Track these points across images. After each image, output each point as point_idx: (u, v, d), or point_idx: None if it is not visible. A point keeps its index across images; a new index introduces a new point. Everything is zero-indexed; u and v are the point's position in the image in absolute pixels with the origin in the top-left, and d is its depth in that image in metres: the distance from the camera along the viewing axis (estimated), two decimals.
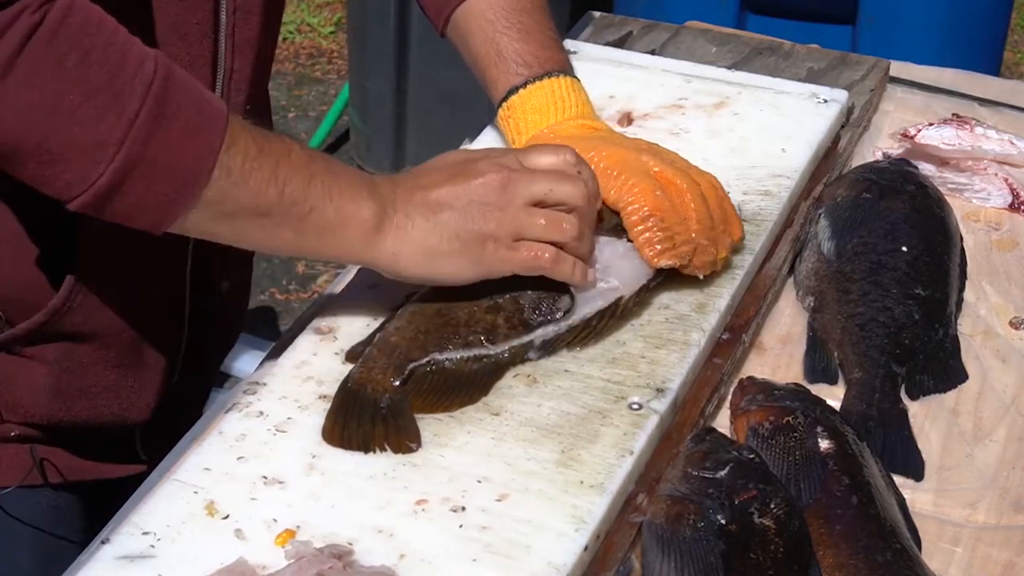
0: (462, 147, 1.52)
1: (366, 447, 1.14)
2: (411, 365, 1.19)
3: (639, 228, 1.29)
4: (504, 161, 1.22)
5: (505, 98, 1.44)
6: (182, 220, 1.10)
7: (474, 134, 1.55)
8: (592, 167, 1.30)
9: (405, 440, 1.15)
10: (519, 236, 1.20)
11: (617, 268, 1.29)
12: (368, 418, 1.16)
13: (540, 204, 1.22)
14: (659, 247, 1.29)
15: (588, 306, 1.26)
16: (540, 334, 1.24)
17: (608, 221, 1.32)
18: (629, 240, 1.30)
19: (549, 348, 1.24)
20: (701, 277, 1.32)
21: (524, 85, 1.43)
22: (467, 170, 1.21)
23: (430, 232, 1.18)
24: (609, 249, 1.30)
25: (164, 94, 1.07)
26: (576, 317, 1.25)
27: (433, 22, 1.51)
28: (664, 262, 1.29)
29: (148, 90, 1.06)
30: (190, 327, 1.41)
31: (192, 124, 1.08)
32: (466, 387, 1.20)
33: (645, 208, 1.29)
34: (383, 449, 1.14)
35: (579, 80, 1.47)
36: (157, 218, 1.10)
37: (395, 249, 1.18)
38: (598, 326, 1.26)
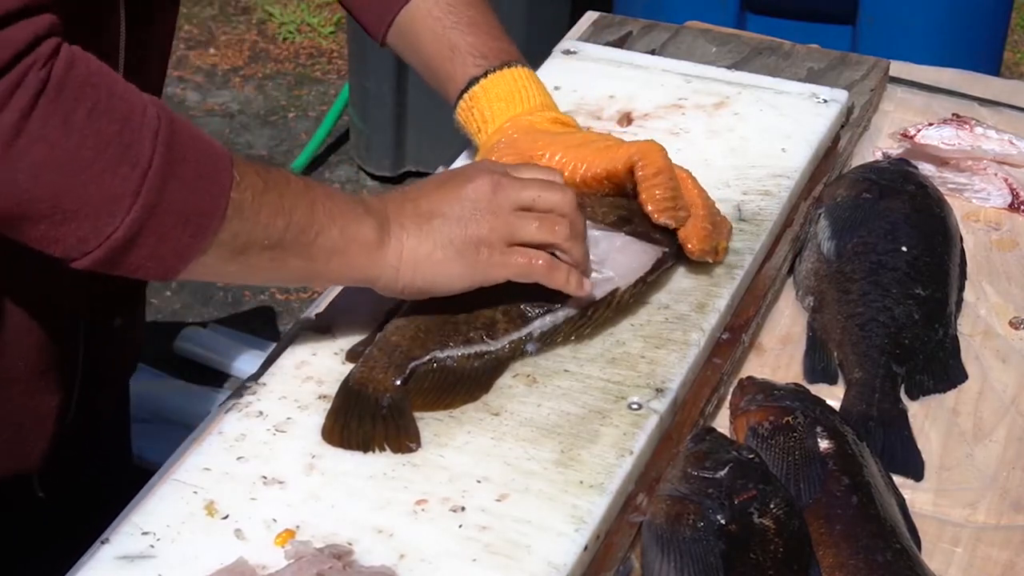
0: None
1: (366, 447, 1.14)
2: (412, 364, 1.19)
3: (649, 182, 1.31)
4: (491, 167, 1.23)
5: (466, 89, 1.43)
6: (194, 264, 1.08)
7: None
8: (593, 151, 1.33)
9: (405, 440, 1.15)
10: (512, 240, 1.20)
11: (614, 260, 1.29)
12: (369, 418, 1.16)
13: (528, 210, 1.22)
14: (663, 204, 1.30)
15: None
16: (538, 326, 1.24)
17: (606, 217, 1.32)
18: (627, 235, 1.31)
19: (547, 340, 1.24)
20: (711, 261, 1.33)
21: (485, 75, 1.42)
22: (454, 178, 1.22)
23: (423, 240, 1.18)
24: (606, 242, 1.30)
25: (172, 140, 1.05)
26: (573, 308, 1.25)
27: (371, 32, 1.49)
28: (664, 220, 1.30)
29: (156, 138, 1.04)
30: (84, 369, 1.36)
31: (202, 167, 1.07)
32: (467, 385, 1.20)
33: (656, 165, 1.31)
34: (383, 449, 1.14)
35: (533, 70, 1.47)
36: (170, 265, 1.08)
37: (395, 263, 1.18)
38: (595, 316, 1.26)
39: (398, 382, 1.18)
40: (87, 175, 1.02)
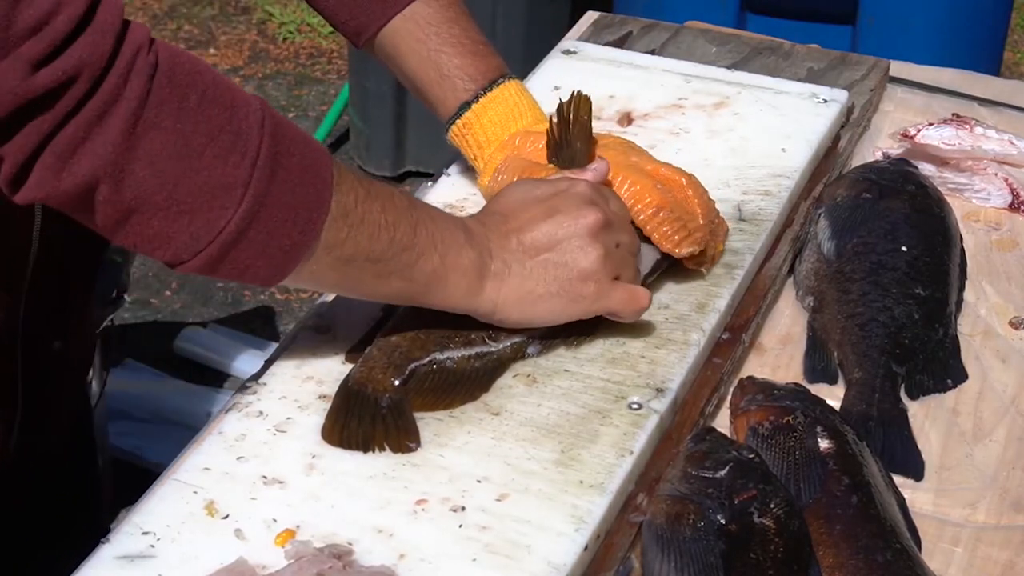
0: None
1: (366, 447, 1.14)
2: (412, 364, 1.19)
3: (653, 223, 1.30)
4: (593, 198, 1.23)
5: (458, 114, 1.42)
6: (300, 267, 1.06)
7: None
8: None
9: (405, 440, 1.15)
10: (616, 276, 1.22)
11: None
12: (368, 418, 1.16)
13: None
14: (676, 237, 1.30)
15: None
16: (538, 330, 1.24)
17: None
18: None
19: (548, 340, 1.24)
20: (705, 272, 1.33)
21: (476, 99, 1.42)
22: (559, 207, 1.21)
23: (527, 277, 1.18)
24: None
25: (276, 131, 1.03)
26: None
27: (350, 40, 1.47)
28: (686, 250, 1.30)
29: (263, 127, 1.02)
30: (24, 394, 1.32)
31: (306, 160, 1.05)
32: (467, 385, 1.20)
33: (652, 204, 1.30)
34: (382, 449, 1.14)
35: (519, 79, 1.47)
36: (279, 264, 1.05)
37: (494, 297, 1.18)
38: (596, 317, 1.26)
39: (397, 382, 1.18)
40: (201, 163, 0.99)
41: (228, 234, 1.01)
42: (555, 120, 1.36)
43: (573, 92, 1.36)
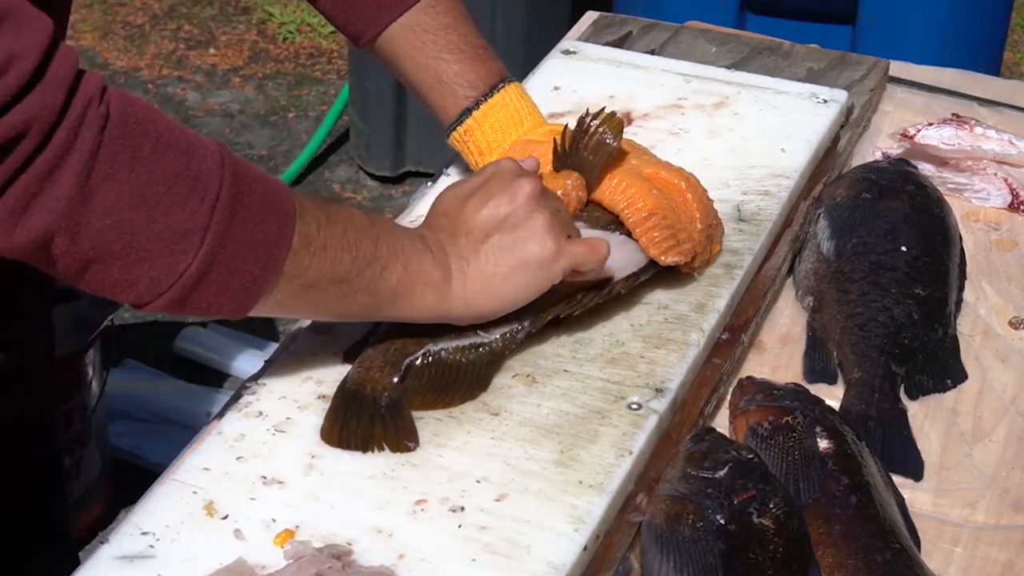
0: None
1: (365, 447, 1.15)
2: (407, 359, 1.19)
3: (643, 227, 1.30)
4: (508, 169, 1.24)
5: (459, 121, 1.43)
6: (265, 299, 1.07)
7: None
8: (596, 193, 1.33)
9: (403, 439, 1.15)
10: (565, 233, 1.22)
11: (610, 254, 1.29)
12: (367, 418, 1.16)
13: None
14: (664, 245, 1.30)
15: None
16: (530, 312, 1.24)
17: (600, 221, 1.32)
18: (623, 234, 1.31)
19: (538, 322, 1.24)
20: (697, 275, 1.33)
21: (477, 105, 1.42)
22: (493, 190, 1.21)
23: (486, 263, 1.18)
24: (603, 238, 1.30)
25: (236, 170, 1.04)
26: (563, 288, 1.25)
27: (351, 39, 1.48)
28: (670, 260, 1.30)
29: (222, 168, 1.03)
30: None
31: (266, 197, 1.06)
32: (464, 381, 1.20)
33: (645, 209, 1.30)
34: (381, 448, 1.14)
35: (518, 82, 1.46)
36: (241, 301, 1.06)
37: (461, 294, 1.18)
38: (584, 300, 1.26)
39: (395, 380, 1.18)
40: (158, 210, 1.00)
41: (189, 277, 1.02)
42: (570, 127, 1.36)
43: (603, 108, 1.36)
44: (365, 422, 1.16)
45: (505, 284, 1.19)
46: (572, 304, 1.26)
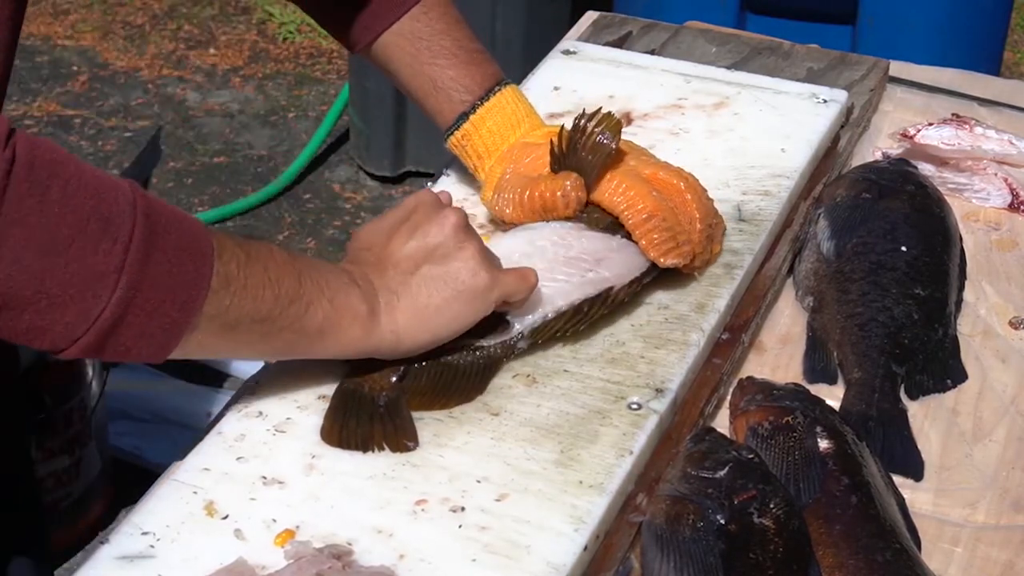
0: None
1: (365, 447, 1.15)
2: (406, 360, 1.19)
3: (643, 229, 1.30)
4: (423, 199, 1.21)
5: (456, 126, 1.42)
6: (186, 340, 1.04)
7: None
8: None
9: (403, 439, 1.15)
10: (492, 265, 1.20)
11: (609, 260, 1.29)
12: (366, 417, 1.16)
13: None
14: (664, 247, 1.30)
15: (578, 292, 1.26)
16: (528, 322, 1.24)
17: (600, 222, 1.32)
18: (623, 237, 1.31)
19: (539, 335, 1.24)
20: (698, 275, 1.33)
21: (473, 109, 1.41)
22: (419, 221, 1.19)
23: (417, 296, 1.16)
24: (603, 243, 1.30)
25: (149, 211, 1.01)
26: (565, 305, 1.25)
27: (344, 46, 1.47)
28: (670, 261, 1.30)
29: (135, 210, 1.00)
30: None
31: (182, 238, 1.03)
32: (463, 383, 1.20)
33: (645, 210, 1.30)
34: (381, 448, 1.14)
35: (514, 84, 1.46)
36: (161, 344, 1.03)
37: (392, 327, 1.16)
38: (589, 313, 1.26)
39: (394, 379, 1.18)
40: (69, 255, 0.97)
41: (104, 321, 0.99)
42: (566, 128, 1.36)
43: (599, 109, 1.35)
44: (364, 422, 1.16)
45: (439, 315, 1.17)
46: (577, 317, 1.25)
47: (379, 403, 1.17)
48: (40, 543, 1.48)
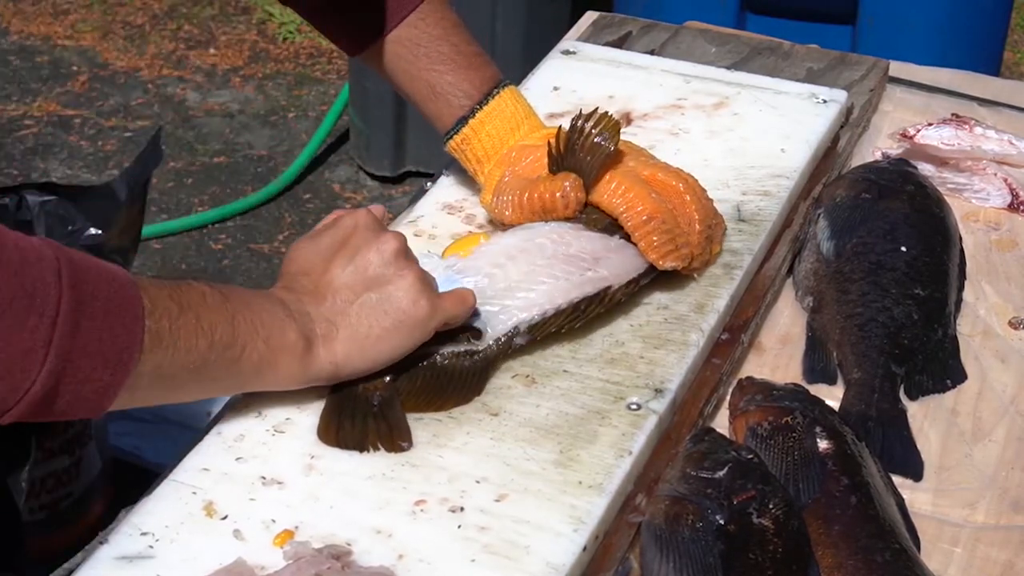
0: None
1: (361, 446, 1.14)
2: (401, 361, 1.19)
3: (642, 232, 1.30)
4: (359, 222, 1.19)
5: (455, 130, 1.42)
6: (121, 398, 1.03)
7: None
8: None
9: (397, 439, 1.15)
10: (432, 291, 1.19)
11: (608, 260, 1.29)
12: (361, 416, 1.16)
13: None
14: (663, 249, 1.30)
15: (577, 291, 1.26)
16: (525, 319, 1.23)
17: (598, 223, 1.32)
18: (621, 237, 1.31)
19: (537, 332, 1.24)
20: (697, 277, 1.33)
21: (472, 113, 1.41)
22: (358, 245, 1.18)
23: (358, 325, 1.15)
24: (602, 243, 1.30)
25: (75, 278, 0.99)
26: (564, 302, 1.25)
27: (344, 51, 1.47)
28: (669, 264, 1.30)
29: (60, 280, 0.98)
30: None
31: (111, 302, 1.01)
32: (458, 385, 1.20)
33: (644, 212, 1.30)
34: (376, 448, 1.14)
35: (513, 85, 1.46)
36: (96, 404, 1.02)
37: (331, 359, 1.15)
38: (586, 311, 1.26)
39: (387, 378, 1.18)
40: None
41: (34, 394, 0.98)
42: (563, 129, 1.35)
43: (596, 109, 1.35)
44: (360, 421, 1.16)
45: (380, 344, 1.16)
46: (574, 315, 1.25)
47: (373, 403, 1.17)
48: (17, 552, 1.46)
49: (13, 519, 1.45)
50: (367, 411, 1.16)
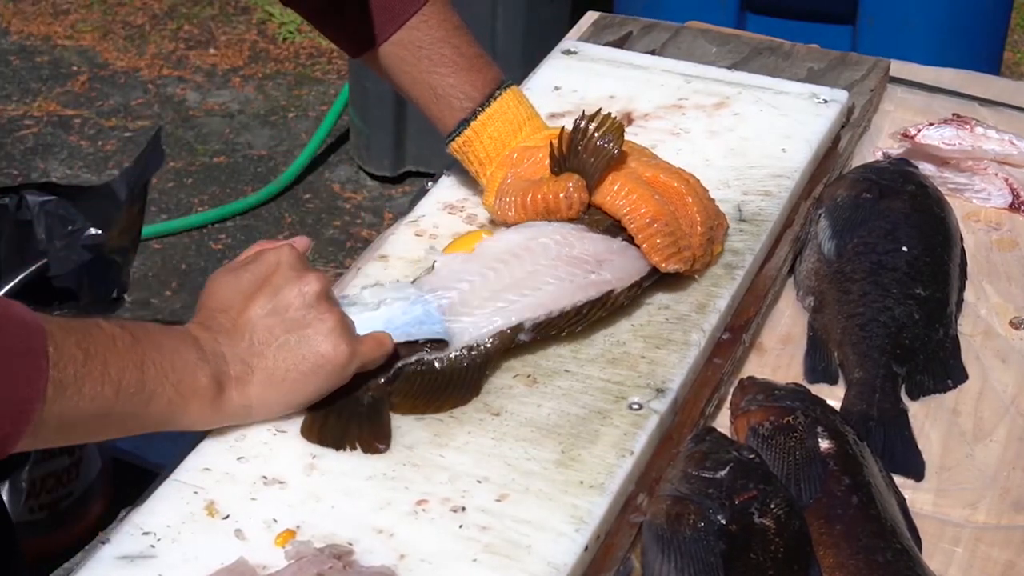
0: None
1: (338, 445, 1.14)
2: (399, 363, 1.19)
3: (645, 234, 1.30)
4: (304, 263, 1.18)
5: (457, 132, 1.42)
6: (22, 443, 1.00)
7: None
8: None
9: (375, 441, 1.15)
10: (351, 335, 1.17)
11: (610, 263, 1.29)
12: (346, 415, 1.16)
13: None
14: (666, 252, 1.30)
15: (581, 294, 1.26)
16: (529, 317, 1.23)
17: (600, 224, 1.32)
18: (624, 239, 1.31)
19: (540, 331, 1.24)
20: (698, 277, 1.33)
21: (475, 115, 1.41)
22: (279, 284, 1.16)
23: (274, 369, 1.13)
24: (604, 245, 1.30)
25: None
26: (568, 304, 1.25)
27: (346, 53, 1.46)
28: (672, 267, 1.30)
29: None
30: None
31: (12, 353, 0.98)
32: (456, 387, 1.20)
33: (647, 215, 1.30)
34: (353, 448, 1.14)
35: (515, 85, 1.46)
36: None
37: (244, 402, 1.13)
38: (588, 315, 1.26)
39: (382, 380, 1.18)
40: None
41: None
42: (566, 131, 1.35)
43: (599, 110, 1.35)
44: (343, 419, 1.16)
45: (297, 387, 1.14)
46: (576, 318, 1.25)
47: (362, 402, 1.17)
48: (14, 556, 1.47)
49: (4, 523, 1.45)
50: (353, 411, 1.16)
